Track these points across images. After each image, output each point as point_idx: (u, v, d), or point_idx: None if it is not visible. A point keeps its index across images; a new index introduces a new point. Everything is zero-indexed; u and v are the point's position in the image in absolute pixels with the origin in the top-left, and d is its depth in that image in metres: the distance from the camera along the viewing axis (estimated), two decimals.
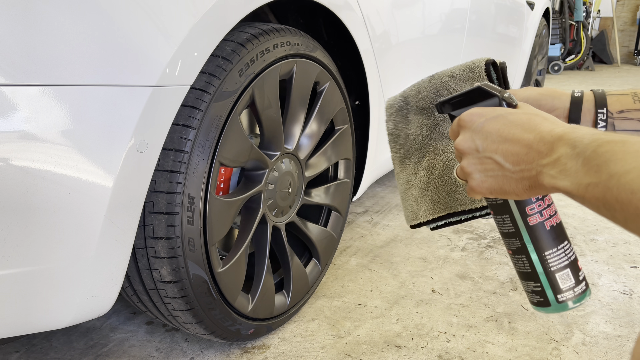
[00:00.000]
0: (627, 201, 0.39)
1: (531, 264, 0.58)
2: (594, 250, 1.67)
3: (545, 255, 0.58)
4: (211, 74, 0.86)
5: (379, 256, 1.60)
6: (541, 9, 3.28)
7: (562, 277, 0.58)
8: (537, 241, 0.58)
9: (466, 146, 0.54)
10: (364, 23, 1.28)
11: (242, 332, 1.05)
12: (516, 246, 0.59)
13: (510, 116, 0.53)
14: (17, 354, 1.11)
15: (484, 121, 0.53)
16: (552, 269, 0.58)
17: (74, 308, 0.75)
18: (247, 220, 1.04)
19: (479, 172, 0.53)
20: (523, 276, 0.61)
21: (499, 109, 0.54)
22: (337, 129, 1.29)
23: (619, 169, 0.40)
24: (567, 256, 0.59)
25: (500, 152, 0.51)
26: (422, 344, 1.15)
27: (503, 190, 0.52)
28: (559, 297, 0.58)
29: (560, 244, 0.58)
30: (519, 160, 0.50)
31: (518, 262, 0.60)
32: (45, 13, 0.63)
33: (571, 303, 0.59)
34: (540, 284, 0.59)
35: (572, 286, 0.58)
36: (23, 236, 0.66)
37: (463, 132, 0.55)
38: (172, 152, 0.82)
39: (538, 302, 0.60)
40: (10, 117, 0.61)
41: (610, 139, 0.43)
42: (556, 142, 0.47)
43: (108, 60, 0.68)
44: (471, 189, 0.55)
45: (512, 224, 0.58)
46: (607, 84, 6.43)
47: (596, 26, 9.56)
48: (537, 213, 0.57)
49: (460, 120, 0.56)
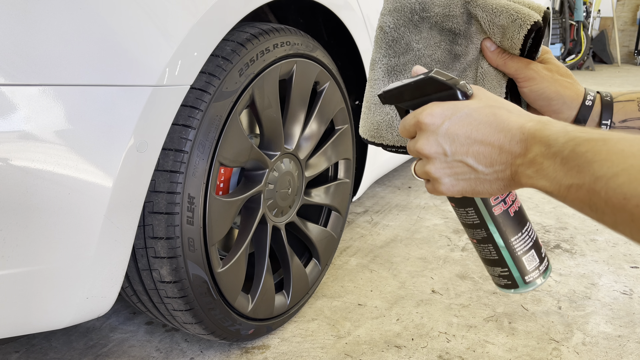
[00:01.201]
0: (620, 206, 0.37)
1: (498, 252, 0.58)
2: (594, 250, 1.67)
3: (512, 241, 0.58)
4: (211, 74, 0.86)
5: (379, 256, 1.60)
6: None
7: (528, 259, 0.58)
8: (502, 229, 0.57)
9: (432, 151, 0.51)
10: (364, 23, 1.28)
11: (242, 332, 1.05)
12: (482, 236, 0.58)
13: (475, 114, 0.50)
14: (16, 354, 1.11)
15: (449, 124, 0.50)
16: (518, 253, 0.58)
17: (73, 308, 0.75)
18: (247, 220, 1.04)
19: (449, 176, 0.51)
20: (489, 262, 0.60)
21: (459, 106, 0.50)
22: (337, 129, 1.29)
23: (605, 171, 0.38)
24: (530, 238, 0.59)
25: (472, 154, 0.49)
26: (422, 344, 1.15)
27: (476, 191, 0.51)
28: (526, 278, 0.59)
29: (524, 228, 0.58)
30: (492, 162, 0.48)
31: (484, 250, 0.59)
32: (45, 13, 0.62)
33: (538, 281, 0.59)
34: (508, 268, 0.59)
35: (537, 265, 0.59)
36: (23, 236, 0.66)
37: (425, 135, 0.52)
38: (171, 152, 0.82)
39: (505, 285, 0.60)
40: (10, 117, 0.61)
41: (589, 137, 0.41)
42: (529, 141, 0.45)
43: (108, 60, 0.68)
44: (437, 191, 0.53)
45: (476, 216, 0.57)
46: (607, 83, 6.43)
47: (596, 26, 9.56)
48: (501, 202, 0.57)
49: (419, 123, 0.52)
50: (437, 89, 0.52)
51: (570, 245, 1.72)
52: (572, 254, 1.64)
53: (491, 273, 0.61)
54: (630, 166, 0.37)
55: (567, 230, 1.85)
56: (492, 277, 0.62)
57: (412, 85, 0.53)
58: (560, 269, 1.53)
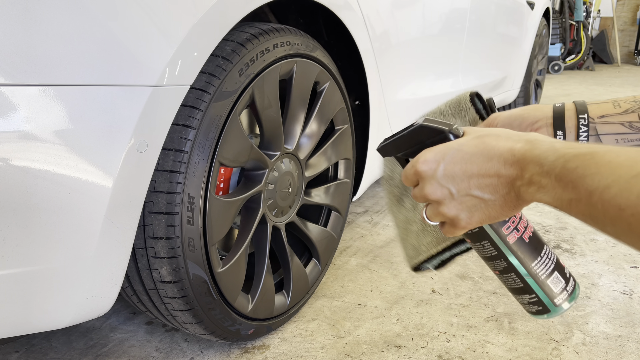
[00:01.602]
0: (617, 217, 0.38)
1: (522, 279, 0.59)
2: (594, 250, 1.67)
3: (533, 267, 0.58)
4: (211, 74, 0.86)
5: (379, 256, 1.60)
6: (541, 9, 3.28)
7: (553, 282, 0.59)
8: (521, 256, 0.58)
9: (439, 194, 0.53)
10: (364, 23, 1.28)
11: (242, 332, 1.05)
12: (502, 267, 0.59)
13: (465, 148, 0.52)
14: (16, 354, 1.11)
15: (444, 165, 0.52)
16: (542, 277, 0.58)
17: (73, 308, 0.75)
18: (247, 220, 1.04)
19: (464, 211, 0.53)
20: (516, 291, 0.61)
21: (449, 146, 0.53)
22: (337, 129, 1.29)
23: (597, 184, 0.39)
24: (551, 260, 0.59)
25: (474, 187, 0.51)
26: (422, 344, 1.15)
27: (491, 217, 0.52)
28: (555, 301, 0.59)
29: (542, 251, 0.59)
30: (496, 189, 0.50)
31: (508, 280, 0.60)
32: (45, 13, 0.62)
33: (567, 303, 0.59)
34: (536, 294, 0.59)
35: (564, 287, 0.59)
36: (23, 236, 0.66)
37: (427, 182, 0.54)
38: (171, 152, 0.82)
39: (537, 311, 0.60)
40: (10, 117, 0.61)
41: (577, 152, 0.42)
42: (521, 162, 0.47)
43: (108, 60, 0.68)
44: (458, 228, 0.55)
45: (493, 248, 0.58)
46: (607, 83, 6.43)
47: (596, 26, 9.56)
48: (514, 230, 0.58)
49: (417, 172, 0.55)
50: (430, 135, 0.55)
51: (570, 245, 1.72)
52: (572, 254, 1.64)
53: (521, 302, 0.61)
54: (619, 177, 0.38)
55: (567, 230, 1.85)
56: (523, 305, 0.62)
57: (406, 136, 0.57)
58: None
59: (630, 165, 0.38)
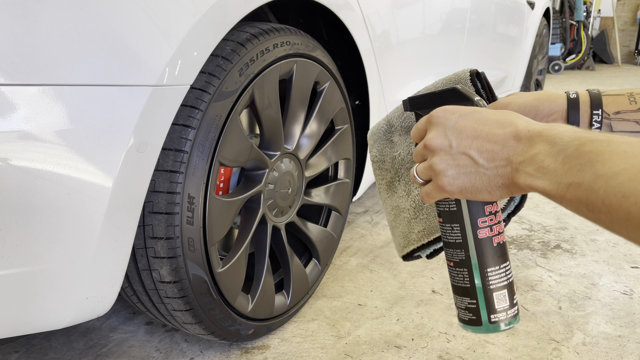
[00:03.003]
0: (617, 205, 0.38)
1: (471, 279, 0.57)
2: (594, 250, 1.67)
3: (488, 272, 0.56)
4: (211, 74, 0.86)
5: (379, 256, 1.60)
6: (541, 9, 3.28)
7: (498, 297, 0.57)
8: (482, 256, 0.56)
9: (439, 142, 0.53)
10: (364, 23, 1.28)
11: (242, 332, 1.05)
12: (460, 258, 0.58)
13: (485, 113, 0.52)
14: (16, 354, 1.11)
15: (458, 117, 0.52)
16: (491, 287, 0.56)
17: (73, 308, 0.75)
18: (247, 221, 1.04)
19: (452, 168, 0.52)
20: (459, 291, 0.59)
21: (473, 107, 0.54)
22: (337, 129, 1.29)
23: (606, 170, 0.39)
24: (507, 277, 0.57)
25: (475, 147, 0.50)
26: (422, 344, 1.15)
27: (475, 188, 0.51)
28: (492, 317, 0.57)
29: (503, 263, 0.57)
30: (494, 157, 0.49)
31: (457, 276, 0.58)
32: (45, 13, 0.62)
33: (502, 325, 0.57)
34: (477, 301, 0.57)
35: (506, 308, 0.57)
36: (22, 236, 0.66)
37: (435, 129, 0.54)
38: (171, 152, 0.82)
39: (469, 320, 0.58)
40: (10, 117, 0.61)
41: (594, 138, 0.42)
42: (534, 138, 0.46)
43: (107, 60, 0.68)
44: (440, 187, 0.53)
45: (460, 234, 0.57)
46: (607, 83, 6.43)
47: (597, 26, 9.56)
48: (488, 227, 0.56)
49: (431, 116, 0.55)
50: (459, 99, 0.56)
51: (570, 245, 1.72)
52: (573, 254, 1.64)
53: (458, 305, 0.60)
54: (631, 166, 0.38)
55: (567, 230, 1.85)
56: (458, 310, 0.60)
57: (437, 94, 0.58)
58: (561, 269, 1.53)
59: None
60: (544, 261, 1.59)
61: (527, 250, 1.67)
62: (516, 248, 1.69)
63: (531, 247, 1.70)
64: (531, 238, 1.77)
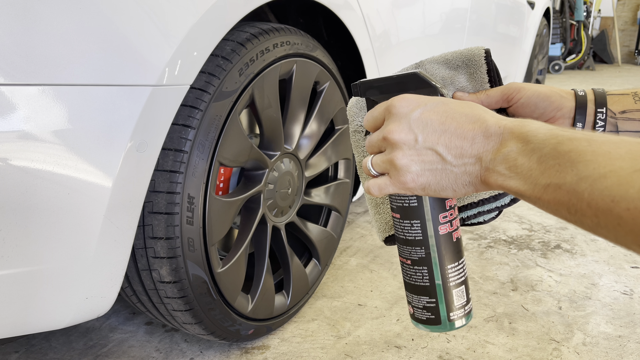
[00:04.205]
0: (606, 209, 0.36)
1: (431, 277, 0.54)
2: (594, 250, 1.67)
3: (448, 269, 0.54)
4: (211, 74, 0.86)
5: (379, 256, 1.60)
6: (542, 9, 3.28)
7: (458, 294, 0.54)
8: (442, 252, 0.53)
9: (402, 135, 0.48)
10: (364, 22, 1.28)
11: (242, 332, 1.05)
12: (419, 256, 0.54)
13: (452, 104, 0.47)
14: (16, 355, 1.11)
15: (423, 109, 0.47)
16: (450, 284, 0.54)
17: (73, 308, 0.75)
18: (246, 221, 1.04)
19: (416, 164, 0.47)
20: (417, 290, 0.55)
21: (434, 97, 0.49)
22: (337, 129, 1.29)
23: (590, 171, 0.37)
24: (464, 272, 0.55)
25: (443, 143, 0.46)
26: (422, 345, 1.15)
27: (440, 185, 0.48)
28: (451, 314, 0.54)
29: (460, 259, 0.55)
30: (463, 153, 0.46)
31: (416, 274, 0.55)
32: (45, 13, 0.62)
33: (460, 322, 0.55)
34: (436, 299, 0.54)
35: (463, 304, 0.55)
36: (22, 236, 0.65)
37: (396, 120, 0.49)
38: (171, 152, 0.82)
39: (427, 320, 0.56)
40: (10, 116, 0.61)
41: (572, 136, 0.39)
42: (505, 135, 0.43)
43: (107, 60, 0.68)
44: (401, 183, 0.49)
45: (420, 231, 0.53)
46: (607, 83, 6.43)
47: (597, 26, 9.56)
48: (448, 222, 0.53)
49: (392, 106, 0.49)
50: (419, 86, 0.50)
51: (570, 245, 1.72)
52: (573, 254, 1.64)
53: (415, 304, 0.56)
54: (619, 168, 0.36)
55: (567, 230, 1.84)
56: (414, 309, 0.57)
57: (394, 79, 0.51)
58: (561, 269, 1.53)
59: (633, 159, 0.36)
60: (544, 261, 1.58)
61: (527, 250, 1.67)
62: (516, 248, 1.69)
63: (531, 247, 1.70)
64: (531, 238, 1.77)
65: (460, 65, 0.64)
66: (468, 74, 0.64)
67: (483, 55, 0.63)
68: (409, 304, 0.58)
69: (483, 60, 0.63)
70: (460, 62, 0.64)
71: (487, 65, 0.63)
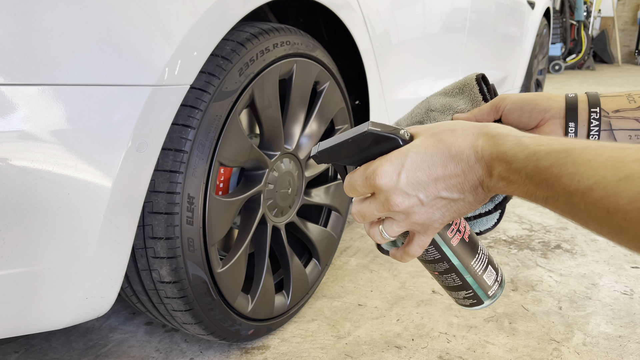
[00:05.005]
0: (606, 220, 0.35)
1: (461, 278, 0.59)
2: (594, 250, 1.67)
3: (472, 265, 0.58)
4: (211, 74, 0.86)
5: (379, 256, 1.60)
6: (542, 9, 3.27)
7: (487, 276, 0.60)
8: (462, 257, 0.58)
9: (407, 203, 0.49)
10: (364, 22, 1.28)
11: (242, 332, 1.05)
12: (444, 268, 0.59)
13: (423, 150, 0.48)
14: (16, 355, 1.10)
15: (404, 172, 0.49)
16: (479, 273, 0.59)
17: (73, 308, 0.75)
18: (246, 221, 1.04)
19: (436, 212, 0.50)
20: (453, 289, 0.61)
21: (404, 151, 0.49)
22: (337, 129, 1.29)
23: (576, 185, 0.37)
24: (485, 255, 0.60)
25: (442, 188, 0.49)
26: (422, 345, 1.15)
27: (462, 213, 0.51)
28: (489, 292, 0.60)
29: (478, 248, 0.59)
30: (463, 188, 0.48)
31: (447, 280, 0.60)
32: (45, 13, 0.62)
33: (499, 291, 0.61)
34: (472, 290, 0.60)
35: (495, 278, 0.60)
36: (22, 236, 0.65)
37: (390, 194, 0.50)
38: (171, 152, 0.82)
39: (471, 304, 0.61)
40: (9, 116, 0.61)
41: (549, 149, 0.40)
42: (486, 160, 0.45)
43: (107, 60, 0.67)
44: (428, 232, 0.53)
45: (437, 252, 0.58)
46: (608, 83, 6.43)
47: (597, 26, 9.56)
48: (457, 232, 0.57)
49: (376, 186, 0.50)
50: (377, 142, 0.51)
51: (570, 245, 1.71)
52: (573, 254, 1.64)
53: (455, 297, 0.62)
54: (602, 178, 0.35)
55: (567, 230, 1.84)
56: (455, 299, 0.62)
57: (350, 142, 0.51)
58: (561, 269, 1.53)
59: (615, 166, 0.35)
60: (544, 261, 1.58)
61: (528, 250, 1.67)
62: (516, 248, 1.68)
63: (531, 247, 1.70)
64: (531, 238, 1.77)
65: (457, 92, 0.72)
66: (464, 98, 0.72)
67: (474, 79, 0.71)
68: (451, 297, 0.64)
69: (474, 82, 0.70)
70: (457, 90, 0.72)
71: (478, 86, 0.70)
